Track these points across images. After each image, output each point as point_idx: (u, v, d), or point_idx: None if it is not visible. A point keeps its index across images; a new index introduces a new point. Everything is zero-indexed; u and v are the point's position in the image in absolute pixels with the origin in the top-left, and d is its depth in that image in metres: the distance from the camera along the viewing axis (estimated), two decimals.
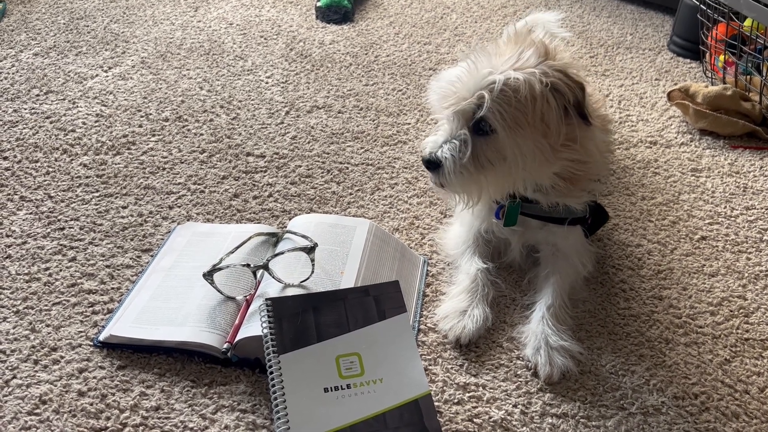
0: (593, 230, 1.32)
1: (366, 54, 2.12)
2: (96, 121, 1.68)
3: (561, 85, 1.09)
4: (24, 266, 1.24)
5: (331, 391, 0.98)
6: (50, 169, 1.50)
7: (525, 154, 1.11)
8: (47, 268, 1.23)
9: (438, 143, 1.14)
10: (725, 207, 1.56)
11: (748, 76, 1.93)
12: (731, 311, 1.28)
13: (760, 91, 1.85)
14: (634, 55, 2.27)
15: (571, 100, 1.09)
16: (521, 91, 1.07)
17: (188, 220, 1.39)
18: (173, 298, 1.15)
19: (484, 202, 1.22)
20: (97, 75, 1.88)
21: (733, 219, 1.52)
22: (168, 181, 1.49)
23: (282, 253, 1.16)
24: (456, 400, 1.05)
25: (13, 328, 1.11)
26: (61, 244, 1.29)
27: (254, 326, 1.05)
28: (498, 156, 1.12)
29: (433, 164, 1.14)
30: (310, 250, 1.15)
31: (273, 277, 1.14)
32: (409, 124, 1.77)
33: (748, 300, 1.30)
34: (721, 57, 2.02)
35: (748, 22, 1.93)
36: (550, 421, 1.04)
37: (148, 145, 1.61)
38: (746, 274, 1.36)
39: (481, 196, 1.18)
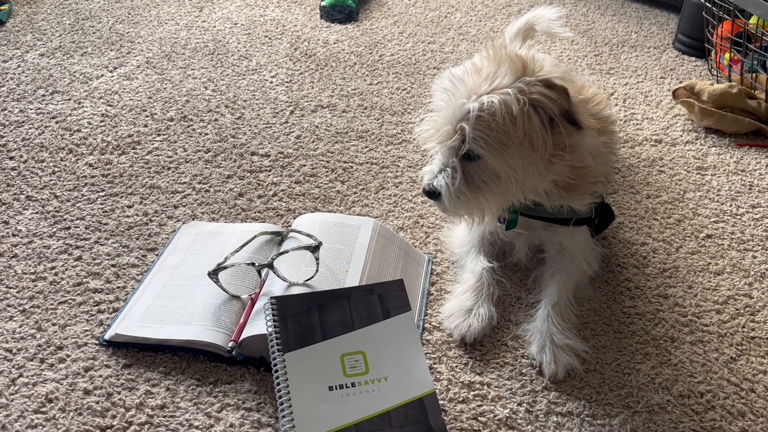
0: (600, 230, 1.31)
1: (370, 53, 2.12)
2: (101, 121, 1.68)
3: (542, 100, 1.07)
4: (30, 265, 1.24)
5: (336, 389, 0.98)
6: (56, 169, 1.50)
7: (517, 170, 1.11)
8: (53, 267, 1.24)
9: (434, 173, 1.17)
10: (731, 205, 1.55)
11: (754, 74, 1.92)
12: (737, 309, 1.27)
13: (765, 88, 1.85)
14: (639, 53, 2.27)
15: (556, 112, 1.08)
16: (498, 114, 1.06)
17: (193, 219, 1.39)
18: (178, 297, 1.15)
19: (489, 218, 1.22)
20: (102, 75, 1.89)
21: (738, 217, 1.52)
22: (173, 180, 1.50)
23: (287, 251, 1.17)
24: (461, 399, 1.05)
25: (20, 326, 1.12)
26: (66, 244, 1.30)
27: (259, 325, 1.05)
28: (491, 176, 1.13)
29: (432, 194, 1.17)
30: (314, 248, 1.16)
31: (278, 275, 1.15)
32: (414, 123, 1.77)
33: (754, 298, 1.30)
34: (727, 55, 2.01)
35: (753, 20, 1.92)
36: (555, 419, 1.04)
37: (153, 144, 1.61)
38: (752, 273, 1.36)
39: (484, 214, 1.20)
